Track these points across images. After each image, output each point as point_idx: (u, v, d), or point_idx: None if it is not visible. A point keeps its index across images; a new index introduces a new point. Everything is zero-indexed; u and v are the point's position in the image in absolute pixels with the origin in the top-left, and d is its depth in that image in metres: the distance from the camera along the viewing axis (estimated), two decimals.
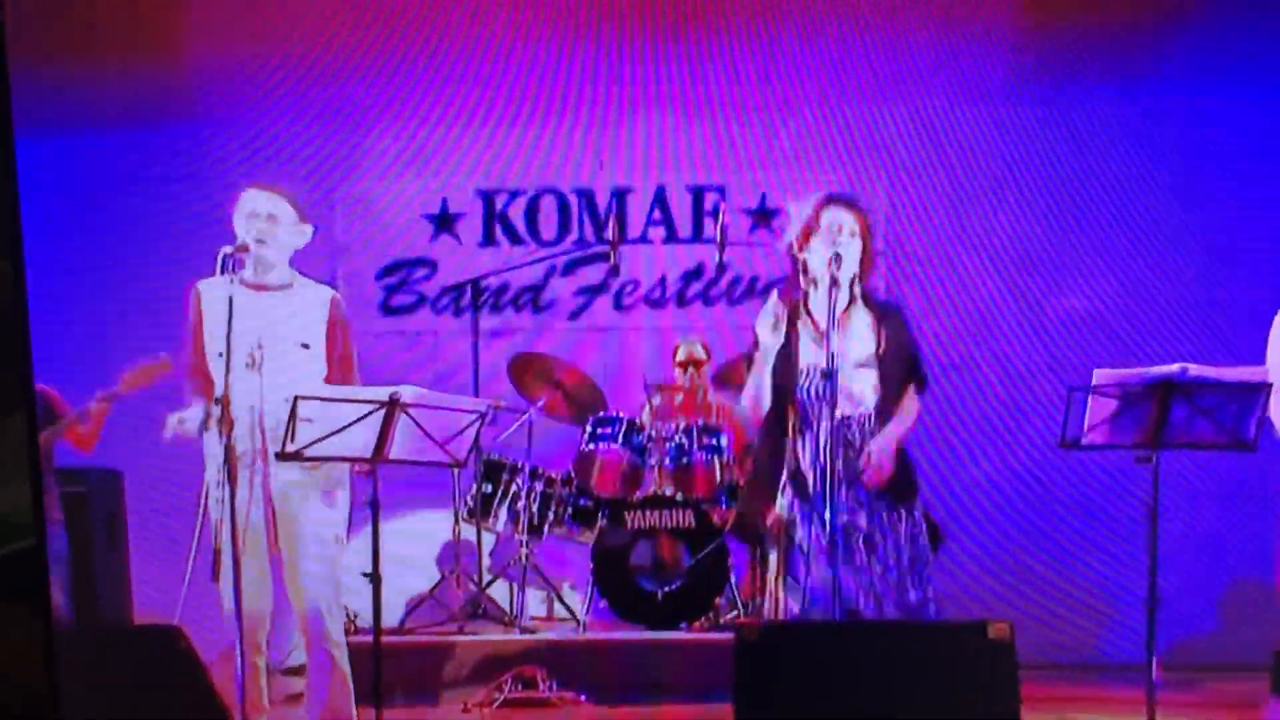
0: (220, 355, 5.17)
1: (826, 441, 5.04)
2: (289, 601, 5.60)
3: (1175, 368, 5.02)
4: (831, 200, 5.26)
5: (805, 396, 5.17)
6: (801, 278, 5.25)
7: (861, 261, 5.19)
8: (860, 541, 5.12)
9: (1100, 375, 5.02)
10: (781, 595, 5.34)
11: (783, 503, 5.26)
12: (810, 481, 5.14)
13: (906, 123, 8.36)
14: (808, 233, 5.18)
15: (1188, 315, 8.11)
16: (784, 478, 5.25)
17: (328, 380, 5.48)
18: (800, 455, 5.19)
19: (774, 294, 5.35)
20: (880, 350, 5.18)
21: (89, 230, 8.22)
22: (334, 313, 5.61)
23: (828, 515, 4.96)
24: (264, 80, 8.40)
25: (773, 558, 5.43)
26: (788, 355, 5.22)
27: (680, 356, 8.08)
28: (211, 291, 5.44)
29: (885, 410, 5.21)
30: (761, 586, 7.14)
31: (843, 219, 5.19)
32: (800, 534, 5.18)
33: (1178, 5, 8.14)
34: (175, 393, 5.68)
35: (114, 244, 8.28)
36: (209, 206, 5.69)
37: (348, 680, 5.61)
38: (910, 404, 5.30)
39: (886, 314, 5.28)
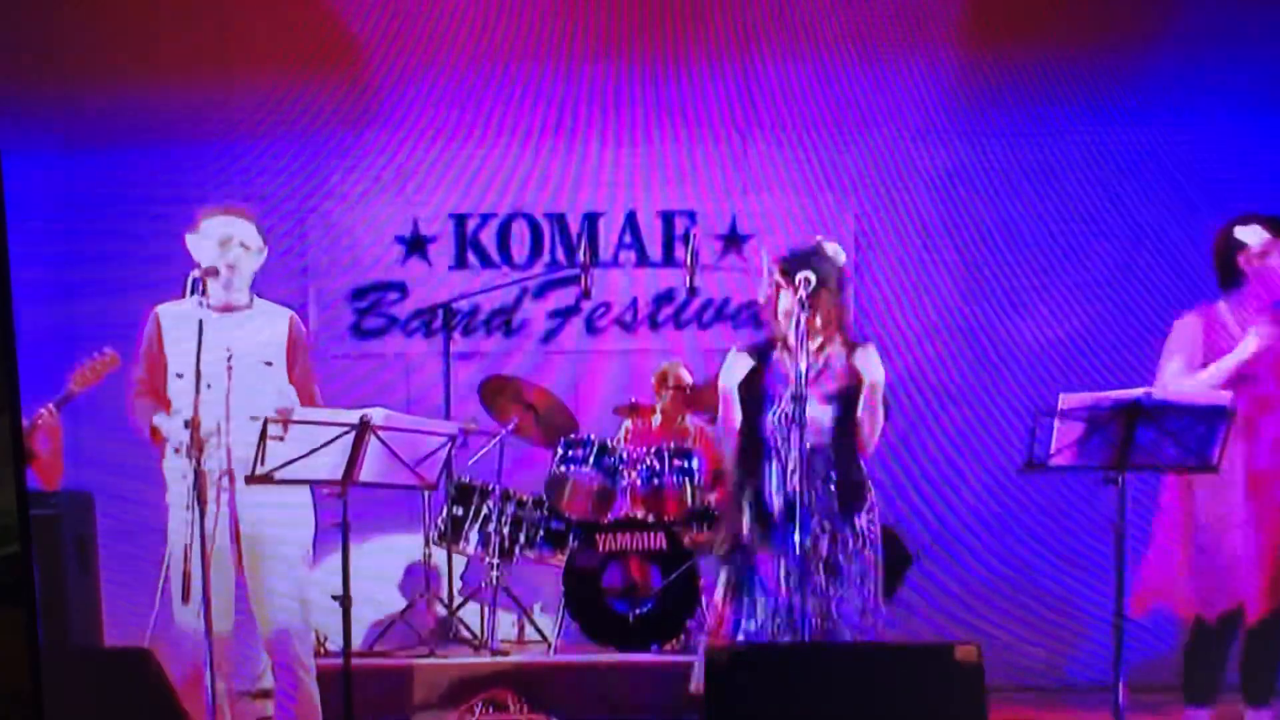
0: (179, 376, 5.18)
1: (794, 469, 5.14)
2: (257, 624, 5.60)
3: (1140, 391, 5.07)
4: (792, 257, 5.37)
5: (774, 425, 5.27)
6: (773, 321, 5.36)
7: (833, 307, 5.30)
8: (819, 568, 5.19)
9: (1067, 399, 5.07)
10: (729, 615, 5.45)
11: (744, 524, 5.39)
12: (774, 507, 5.24)
13: (875, 152, 8.40)
14: (776, 287, 5.33)
15: (1153, 341, 8.15)
16: (745, 499, 5.39)
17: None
18: (766, 482, 5.29)
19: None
20: (847, 385, 5.29)
21: (60, 249, 8.20)
22: (293, 333, 5.63)
23: (796, 537, 5.06)
24: (235, 103, 8.39)
25: (722, 575, 5.52)
26: (760, 387, 5.34)
27: (664, 379, 8.10)
28: (172, 315, 5.45)
29: (843, 441, 5.33)
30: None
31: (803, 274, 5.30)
32: (759, 560, 5.30)
33: (1138, 35, 8.19)
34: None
35: (85, 263, 8.26)
36: (181, 228, 5.68)
37: (316, 703, 5.61)
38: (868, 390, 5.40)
39: (856, 350, 5.39)
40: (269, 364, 5.48)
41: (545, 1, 8.43)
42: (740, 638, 5.39)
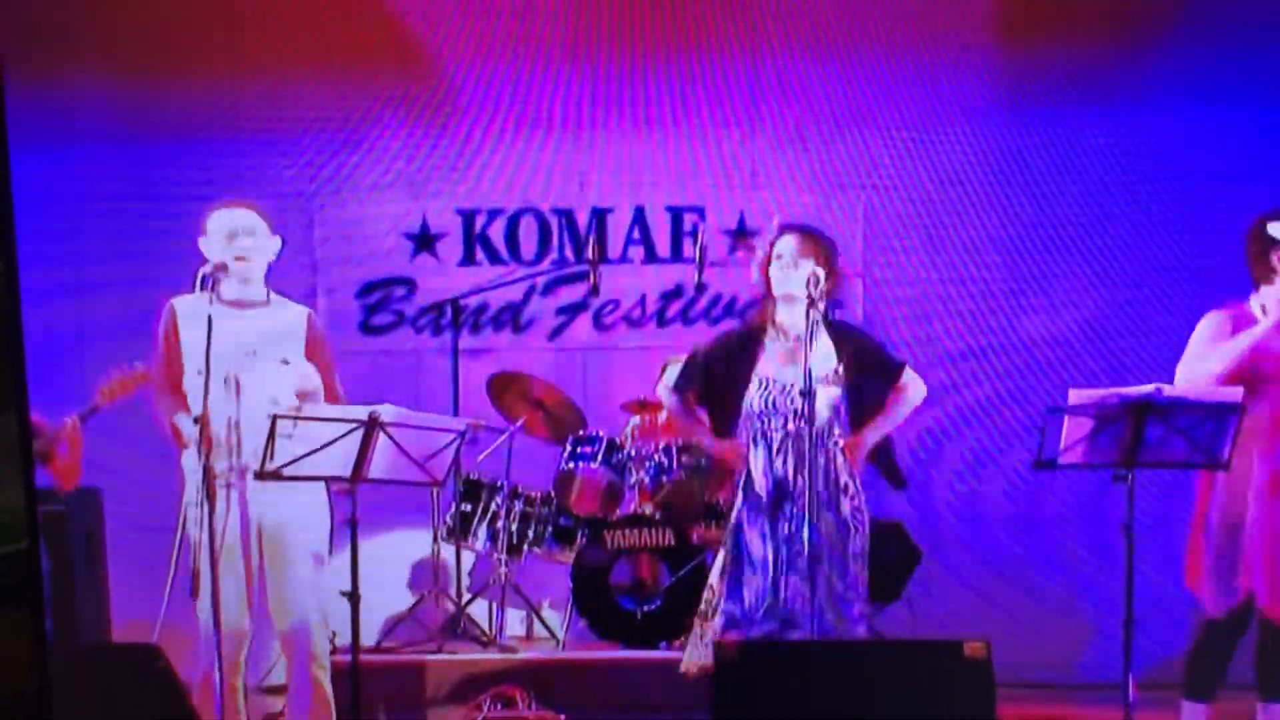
0: (199, 373, 5.19)
1: (779, 453, 5.22)
2: (268, 620, 5.61)
3: (1150, 388, 5.06)
4: (785, 229, 5.51)
5: (763, 407, 5.34)
6: (768, 302, 5.46)
7: (824, 282, 5.35)
8: (806, 553, 5.22)
9: (1076, 395, 5.06)
10: (722, 602, 5.50)
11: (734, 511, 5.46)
12: (763, 491, 5.31)
13: (884, 145, 8.39)
14: (765, 261, 5.42)
15: (1165, 337, 8.14)
16: (739, 485, 5.45)
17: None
18: (753, 464, 5.36)
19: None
20: (839, 368, 5.36)
21: (70, 245, 8.21)
22: (311, 330, 5.65)
23: (790, 525, 5.11)
24: (245, 98, 8.39)
25: (718, 562, 5.58)
26: (745, 366, 5.41)
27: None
28: (188, 308, 5.45)
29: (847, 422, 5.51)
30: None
31: (792, 245, 5.42)
32: (745, 541, 5.36)
33: (1157, 27, 8.18)
34: (150, 407, 5.72)
35: (95, 259, 8.28)
36: (191, 223, 5.69)
37: (328, 699, 5.62)
38: (901, 397, 5.50)
39: (844, 333, 5.47)
40: (285, 362, 5.49)
41: None
42: (721, 620, 5.45)
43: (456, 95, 8.49)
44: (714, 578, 5.68)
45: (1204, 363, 5.58)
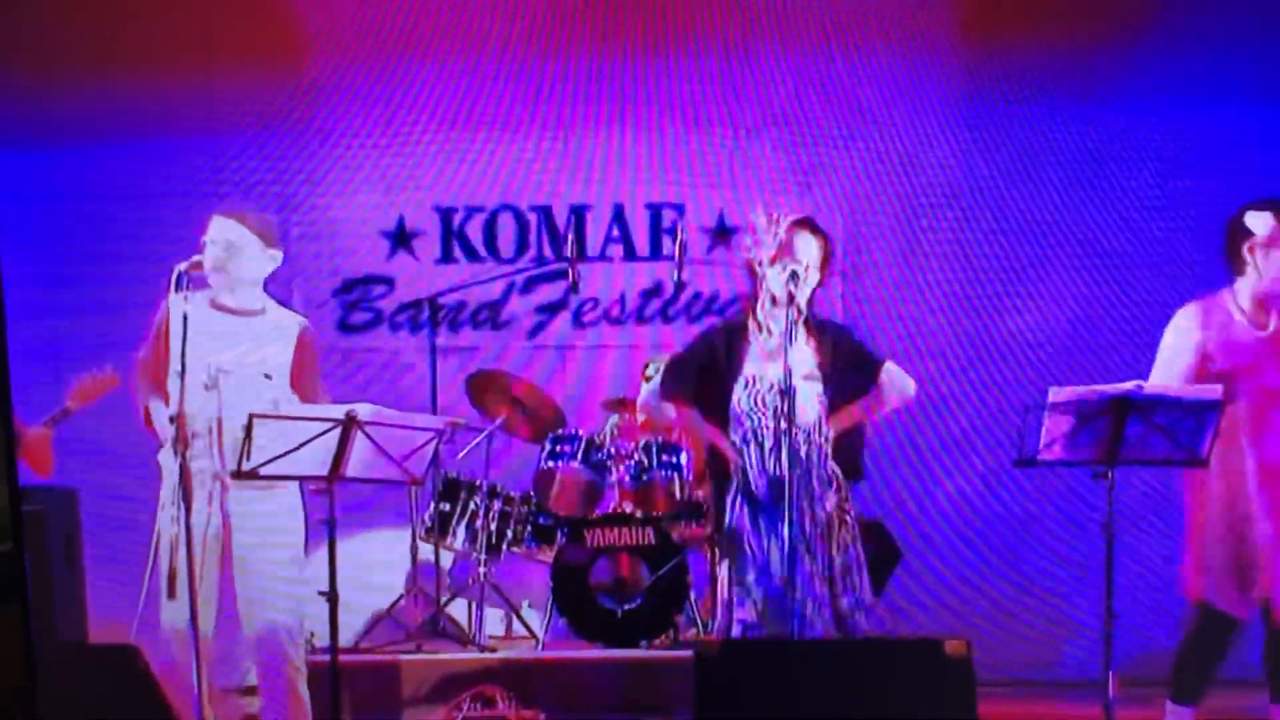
0: (177, 373, 5.16)
1: (772, 451, 5.21)
2: (244, 621, 5.58)
3: (1130, 385, 5.06)
4: (802, 224, 5.43)
5: (751, 406, 5.32)
6: (760, 292, 5.42)
7: (818, 284, 5.39)
8: (804, 549, 5.22)
9: (1055, 393, 5.06)
10: (733, 603, 5.48)
11: (733, 513, 5.43)
12: (759, 491, 5.29)
13: (863, 144, 8.38)
14: (778, 252, 5.33)
15: (1146, 335, 8.15)
16: (733, 487, 5.43)
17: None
18: (747, 464, 5.34)
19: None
20: (823, 363, 5.36)
21: (51, 246, 8.17)
22: (303, 341, 5.60)
23: (786, 526, 5.10)
24: (219, 97, 8.35)
25: (723, 567, 5.55)
26: (731, 364, 5.39)
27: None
28: (177, 308, 5.43)
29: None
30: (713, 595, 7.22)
31: (812, 244, 5.36)
32: (749, 542, 5.34)
33: (1127, 25, 8.20)
34: (128, 406, 5.69)
35: (77, 259, 8.23)
36: (170, 224, 5.67)
37: (305, 701, 5.59)
38: (880, 393, 5.54)
39: (824, 329, 5.47)
40: (267, 377, 5.45)
41: None
42: (738, 628, 5.42)
43: (434, 92, 8.46)
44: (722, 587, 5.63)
45: (1175, 362, 5.58)
